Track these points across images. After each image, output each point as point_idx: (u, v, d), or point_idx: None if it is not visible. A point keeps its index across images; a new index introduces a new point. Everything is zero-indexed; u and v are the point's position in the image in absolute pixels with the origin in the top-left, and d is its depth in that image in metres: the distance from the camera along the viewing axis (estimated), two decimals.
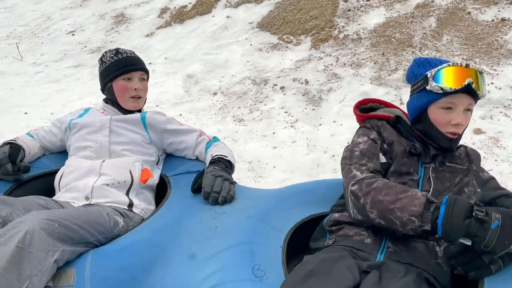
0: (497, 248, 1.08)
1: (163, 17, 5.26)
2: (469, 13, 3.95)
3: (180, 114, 3.56)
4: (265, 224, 1.51)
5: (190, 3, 5.24)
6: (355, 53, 3.87)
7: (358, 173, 1.32)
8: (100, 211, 1.48)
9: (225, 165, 1.72)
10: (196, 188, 1.66)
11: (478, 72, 1.31)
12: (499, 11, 3.91)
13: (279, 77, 3.87)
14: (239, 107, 3.61)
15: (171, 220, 1.54)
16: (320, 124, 3.24)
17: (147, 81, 1.93)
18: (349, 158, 1.40)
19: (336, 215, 1.40)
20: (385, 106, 1.63)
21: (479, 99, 1.36)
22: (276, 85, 3.77)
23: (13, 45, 5.30)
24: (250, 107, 3.59)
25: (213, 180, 1.60)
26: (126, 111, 1.87)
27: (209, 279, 1.28)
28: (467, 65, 1.31)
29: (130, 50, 1.92)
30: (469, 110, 1.33)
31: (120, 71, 1.81)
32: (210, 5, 5.08)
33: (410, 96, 1.45)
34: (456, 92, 1.29)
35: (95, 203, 1.60)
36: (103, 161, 1.71)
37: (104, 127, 1.79)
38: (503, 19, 3.82)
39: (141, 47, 4.79)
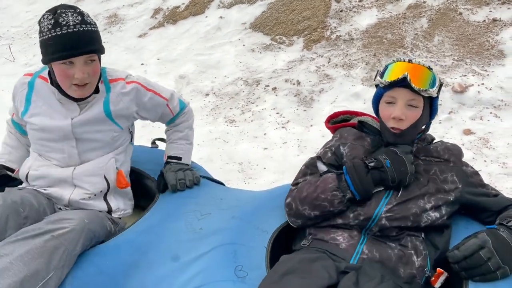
0: (401, 177, 1.29)
1: (156, 18, 5.25)
2: (460, 13, 3.96)
3: None
4: (250, 225, 1.51)
5: (183, 3, 5.23)
6: (347, 54, 3.87)
7: (293, 187, 1.49)
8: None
9: (179, 162, 1.81)
10: (164, 188, 1.74)
11: (425, 68, 1.35)
12: (490, 11, 3.92)
13: (271, 78, 3.87)
14: (231, 108, 3.60)
15: (155, 222, 1.53)
16: (311, 125, 3.24)
17: (100, 59, 1.51)
18: (298, 172, 1.54)
19: None
20: (355, 116, 1.67)
21: (432, 96, 1.37)
22: (268, 86, 3.77)
23: (6, 46, 5.28)
24: (242, 108, 3.58)
25: (175, 174, 1.71)
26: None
27: (191, 281, 1.28)
28: (409, 61, 1.37)
29: (74, 16, 1.41)
30: (413, 106, 1.34)
31: (58, 55, 1.40)
32: (203, 5, 5.07)
33: None
34: (392, 85, 1.34)
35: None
36: (74, 169, 1.57)
37: (69, 137, 1.55)
38: (494, 20, 3.83)
39: (133, 48, 4.78)
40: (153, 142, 2.10)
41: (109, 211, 1.61)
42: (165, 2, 5.43)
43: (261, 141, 3.15)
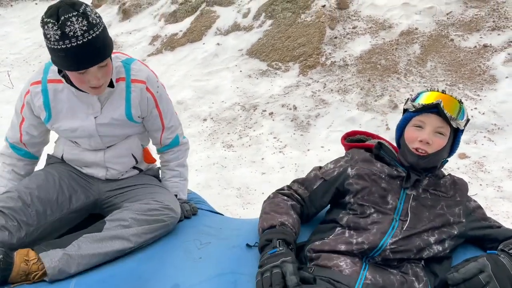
0: None
1: (154, 45, 5.34)
2: (452, 40, 4.07)
3: None
4: (250, 254, 1.51)
5: (181, 30, 5.34)
6: (342, 79, 3.94)
7: (285, 187, 1.62)
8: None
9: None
10: None
11: (456, 101, 1.40)
12: (481, 37, 4.03)
13: (268, 103, 3.92)
14: (228, 133, 3.64)
15: (156, 251, 1.54)
16: (308, 150, 3.27)
17: (111, 59, 1.50)
18: (306, 176, 1.63)
19: (317, 243, 1.42)
20: (372, 138, 1.69)
21: (456, 128, 1.41)
22: (265, 111, 3.82)
23: (5, 73, 5.33)
24: (240, 133, 3.62)
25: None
26: None
27: None
28: (443, 91, 1.42)
29: (79, 21, 1.33)
30: (440, 133, 1.38)
31: (72, 68, 1.40)
32: (201, 32, 5.18)
33: None
34: (425, 109, 1.39)
35: None
36: (104, 153, 1.71)
37: (94, 135, 1.63)
38: (485, 46, 3.93)
39: None
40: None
41: (140, 172, 1.84)
42: (163, 29, 5.54)
43: (259, 165, 3.17)
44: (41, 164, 1.85)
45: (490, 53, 3.82)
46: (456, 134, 1.44)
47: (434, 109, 1.37)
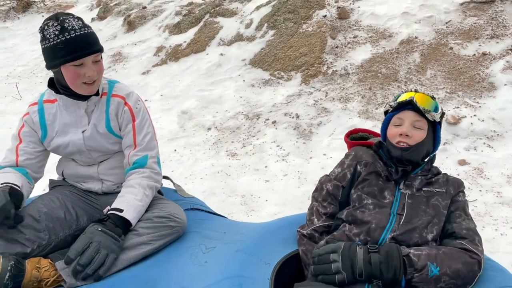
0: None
1: (159, 55, 5.43)
2: (451, 48, 4.13)
3: (175, 150, 3.65)
4: (254, 258, 1.56)
5: (185, 41, 5.44)
6: (344, 88, 4.01)
7: (315, 219, 1.58)
8: None
9: (115, 224, 1.53)
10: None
11: (429, 96, 1.54)
12: (480, 45, 4.09)
13: (271, 111, 3.99)
14: (232, 142, 3.70)
15: (161, 256, 1.60)
16: (311, 157, 3.33)
17: (102, 59, 1.64)
18: (318, 192, 1.64)
19: (323, 242, 1.50)
20: (373, 136, 1.79)
21: (433, 122, 1.53)
22: (268, 119, 3.89)
23: (13, 84, 5.43)
24: (243, 141, 3.68)
25: (84, 245, 1.45)
26: (80, 95, 1.64)
27: None
28: (415, 90, 1.57)
29: (76, 20, 1.54)
30: (418, 128, 1.50)
31: (69, 57, 1.51)
32: (204, 43, 5.27)
33: None
34: (401, 106, 1.54)
35: None
36: (98, 166, 1.80)
37: (83, 150, 1.72)
38: (484, 53, 3.99)
39: (137, 85, 4.93)
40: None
41: None
42: (167, 40, 5.64)
43: (263, 173, 3.23)
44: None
45: (489, 61, 3.88)
46: (435, 128, 1.55)
47: (408, 105, 1.51)
